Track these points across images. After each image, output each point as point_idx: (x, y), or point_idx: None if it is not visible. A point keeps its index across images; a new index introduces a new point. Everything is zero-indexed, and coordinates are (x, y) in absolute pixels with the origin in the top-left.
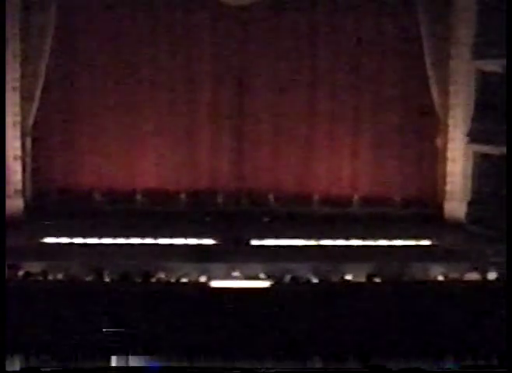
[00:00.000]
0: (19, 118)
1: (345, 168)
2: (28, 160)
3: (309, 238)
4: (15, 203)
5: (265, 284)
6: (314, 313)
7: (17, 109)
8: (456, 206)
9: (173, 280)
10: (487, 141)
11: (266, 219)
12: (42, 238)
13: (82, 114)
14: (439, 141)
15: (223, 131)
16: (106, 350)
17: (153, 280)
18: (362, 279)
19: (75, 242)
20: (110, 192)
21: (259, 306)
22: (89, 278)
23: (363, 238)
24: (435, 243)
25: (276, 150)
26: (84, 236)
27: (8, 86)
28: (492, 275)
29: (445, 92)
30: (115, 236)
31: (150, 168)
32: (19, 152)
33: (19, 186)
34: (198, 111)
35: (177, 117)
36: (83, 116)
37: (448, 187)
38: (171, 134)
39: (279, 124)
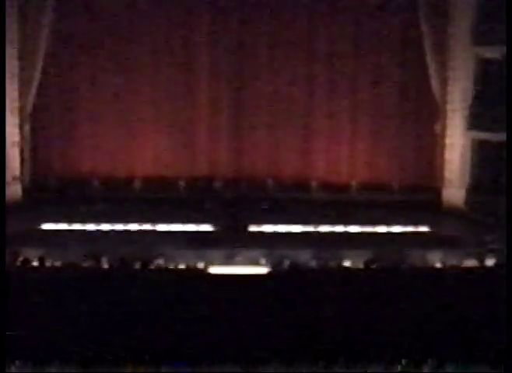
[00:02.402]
0: (17, 104)
1: (343, 154)
2: (26, 146)
3: (307, 224)
4: (13, 190)
5: (264, 270)
6: (313, 299)
7: (15, 95)
8: (454, 192)
9: (171, 266)
10: (486, 128)
11: (264, 205)
12: (40, 224)
13: (80, 100)
14: (437, 128)
15: (222, 118)
16: (105, 337)
17: (152, 266)
18: (361, 265)
19: (74, 228)
20: (109, 178)
21: (258, 292)
22: (87, 264)
23: (361, 224)
24: (433, 230)
25: (275, 136)
26: (82, 222)
27: (7, 73)
28: (490, 262)
29: (444, 79)
30: (113, 222)
31: (148, 154)
32: (17, 139)
33: (17, 173)
34: (196, 98)
35: (176, 104)
36: (82, 103)
37: (447, 174)
38: (169, 121)
39: (278, 111)
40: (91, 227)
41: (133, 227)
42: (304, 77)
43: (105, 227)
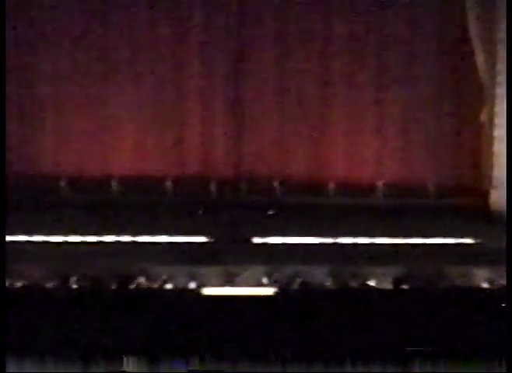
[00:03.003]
0: None
1: (367, 148)
2: None
3: (323, 234)
4: None
5: (269, 291)
6: (329, 327)
7: None
8: (504, 195)
9: (156, 286)
10: None
11: (271, 212)
12: None
13: (42, 88)
14: (484, 116)
15: (218, 104)
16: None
17: (132, 286)
18: (389, 285)
19: (36, 240)
20: (79, 179)
21: (262, 318)
22: (52, 284)
23: (390, 234)
24: (478, 241)
25: (283, 126)
26: (47, 233)
27: None
28: None
29: (492, 54)
30: (85, 233)
31: (128, 149)
32: None
33: None
34: (186, 81)
35: (162, 87)
36: (44, 90)
37: (495, 172)
38: (154, 108)
39: (286, 95)
40: (57, 238)
41: (109, 238)
42: (318, 53)
43: (74, 238)
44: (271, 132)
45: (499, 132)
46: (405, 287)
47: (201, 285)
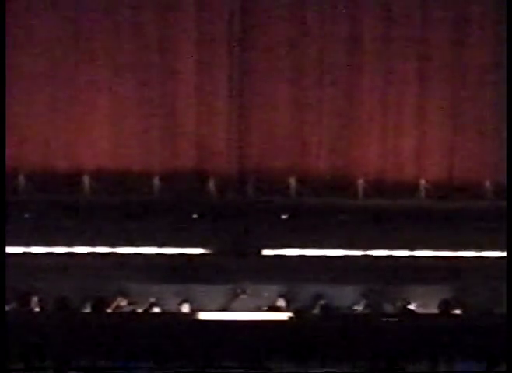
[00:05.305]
0: None
1: (406, 139)
2: None
3: (351, 245)
4: None
5: (283, 316)
6: (360, 360)
7: None
8: None
9: (140, 310)
10: None
11: (284, 216)
12: None
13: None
14: None
15: (218, 81)
16: None
17: (109, 309)
18: (434, 309)
19: None
20: (42, 174)
21: (275, 350)
22: (10, 306)
23: (435, 245)
24: None
25: (299, 110)
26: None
27: None
28: None
29: None
30: (50, 242)
31: (104, 137)
32: None
33: None
34: (178, 53)
35: (147, 63)
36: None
37: None
38: (136, 84)
39: (303, 72)
40: (17, 249)
41: (81, 249)
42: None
43: (37, 249)
44: (286, 117)
45: None
46: (454, 311)
47: (197, 309)
